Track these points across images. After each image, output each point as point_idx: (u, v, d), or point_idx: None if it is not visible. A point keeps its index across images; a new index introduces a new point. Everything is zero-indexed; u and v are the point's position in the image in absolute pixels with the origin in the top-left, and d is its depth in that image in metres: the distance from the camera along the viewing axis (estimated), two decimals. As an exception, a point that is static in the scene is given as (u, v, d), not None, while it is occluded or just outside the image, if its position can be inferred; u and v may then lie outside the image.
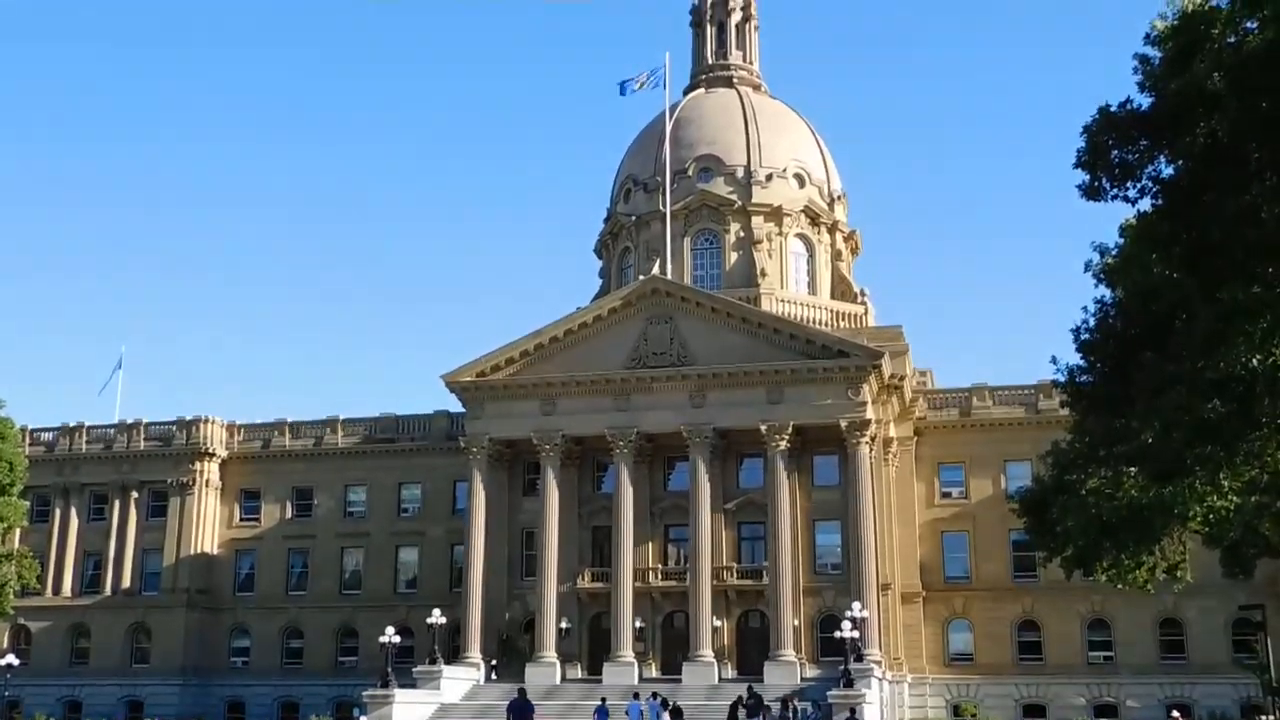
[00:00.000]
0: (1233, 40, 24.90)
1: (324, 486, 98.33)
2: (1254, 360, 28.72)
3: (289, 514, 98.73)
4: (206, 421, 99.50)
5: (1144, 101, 27.77)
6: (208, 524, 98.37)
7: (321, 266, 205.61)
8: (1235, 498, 38.22)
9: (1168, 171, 28.00)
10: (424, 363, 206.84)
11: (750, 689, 65.87)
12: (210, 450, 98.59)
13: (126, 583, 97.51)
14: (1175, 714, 75.33)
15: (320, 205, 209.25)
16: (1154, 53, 27.59)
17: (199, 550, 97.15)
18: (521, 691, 62.03)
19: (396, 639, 75.70)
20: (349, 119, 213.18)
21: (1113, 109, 27.99)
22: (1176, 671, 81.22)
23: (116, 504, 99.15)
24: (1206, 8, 25.86)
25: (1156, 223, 29.06)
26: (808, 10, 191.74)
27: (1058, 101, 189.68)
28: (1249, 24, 24.78)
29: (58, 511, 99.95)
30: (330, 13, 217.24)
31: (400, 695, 70.28)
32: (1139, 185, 28.21)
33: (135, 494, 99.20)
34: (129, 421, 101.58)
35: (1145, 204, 29.13)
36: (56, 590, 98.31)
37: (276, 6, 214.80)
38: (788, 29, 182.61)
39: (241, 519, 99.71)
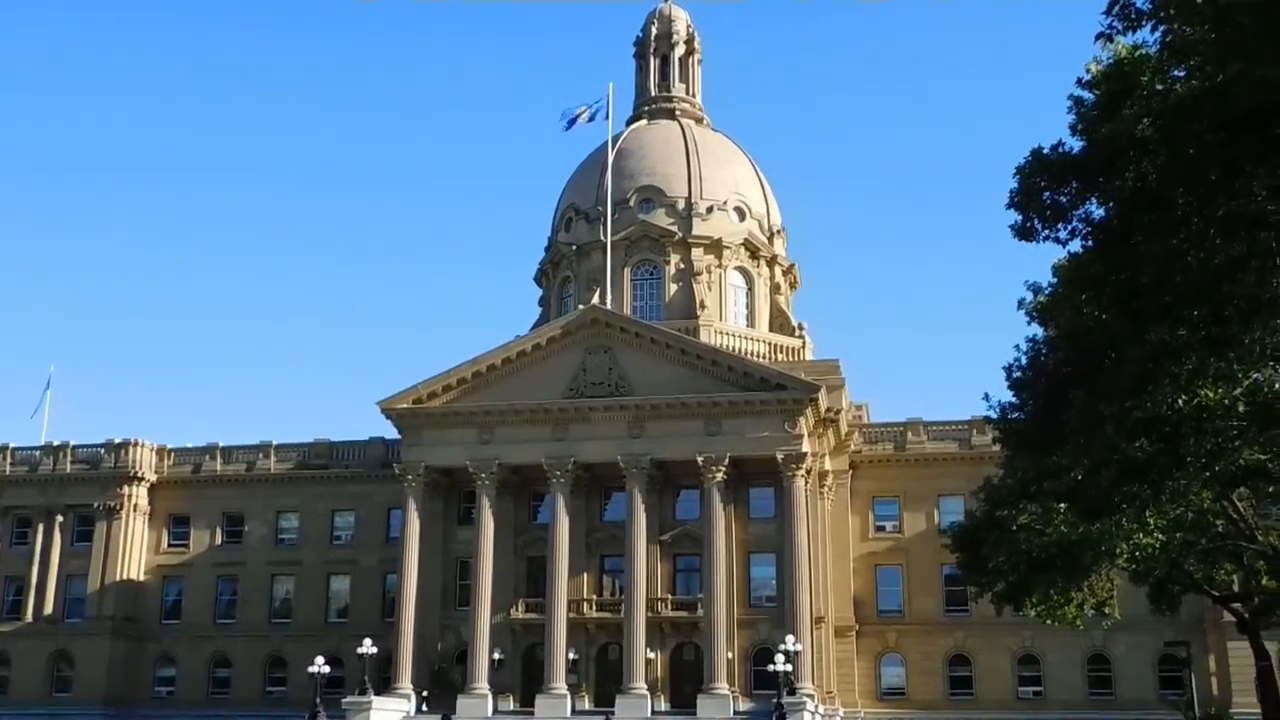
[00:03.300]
0: (1160, 88, 25.40)
1: (255, 513, 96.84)
2: (1180, 401, 29.25)
3: (219, 540, 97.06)
4: (136, 445, 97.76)
5: (1076, 144, 28.15)
6: (135, 550, 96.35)
7: (257, 289, 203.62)
8: (1161, 535, 38.96)
9: (1098, 213, 28.36)
10: (360, 388, 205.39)
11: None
12: (139, 474, 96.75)
13: (49, 609, 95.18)
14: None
15: (257, 227, 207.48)
16: (1088, 95, 28.03)
17: (125, 577, 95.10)
18: (452, 723, 61.47)
19: (326, 669, 74.73)
20: (286, 143, 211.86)
21: (1045, 151, 28.35)
22: (1105, 707, 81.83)
23: (41, 528, 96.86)
24: (1137, 55, 26.35)
25: (1087, 264, 29.46)
26: (750, 45, 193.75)
27: (995, 138, 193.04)
28: (1176, 72, 25.30)
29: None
30: (266, 51, 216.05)
31: (329, 727, 69.34)
32: (1070, 227, 28.56)
33: (61, 518, 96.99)
34: (55, 444, 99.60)
35: (1076, 245, 29.52)
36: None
37: (209, 55, 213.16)
38: (730, 63, 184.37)
39: (170, 545, 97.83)
